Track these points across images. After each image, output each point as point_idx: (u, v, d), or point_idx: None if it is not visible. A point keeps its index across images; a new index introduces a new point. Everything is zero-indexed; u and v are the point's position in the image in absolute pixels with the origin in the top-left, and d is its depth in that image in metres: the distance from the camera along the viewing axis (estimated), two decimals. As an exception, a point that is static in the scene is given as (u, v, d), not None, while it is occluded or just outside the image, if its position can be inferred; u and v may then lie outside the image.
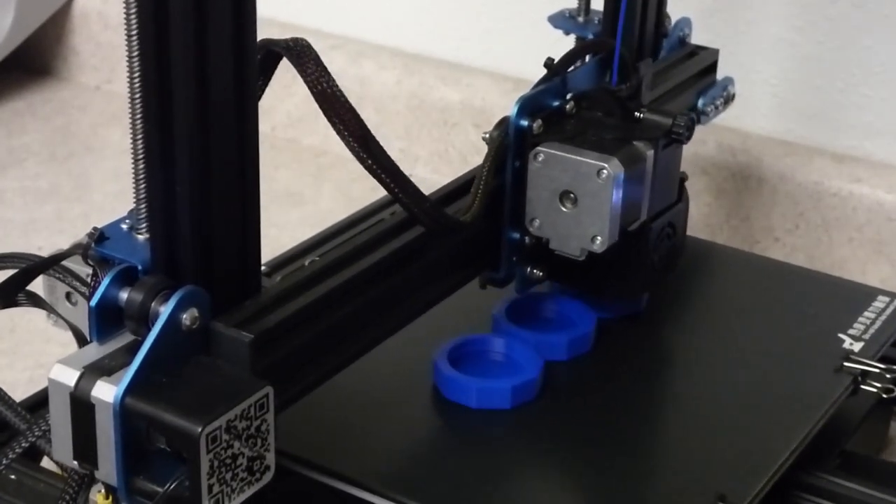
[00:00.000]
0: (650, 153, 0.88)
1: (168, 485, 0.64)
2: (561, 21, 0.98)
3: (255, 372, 0.67)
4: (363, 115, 1.53)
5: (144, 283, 0.66)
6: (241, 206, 0.68)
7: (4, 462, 0.73)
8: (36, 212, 1.35)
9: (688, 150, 1.26)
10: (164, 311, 0.65)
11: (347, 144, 0.72)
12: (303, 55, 0.70)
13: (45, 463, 0.86)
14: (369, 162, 0.72)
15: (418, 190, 0.76)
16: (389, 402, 0.84)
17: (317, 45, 0.72)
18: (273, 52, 0.71)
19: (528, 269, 0.90)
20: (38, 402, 0.86)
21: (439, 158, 1.41)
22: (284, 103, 1.48)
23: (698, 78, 1.02)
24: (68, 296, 0.75)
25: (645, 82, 0.93)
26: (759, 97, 1.27)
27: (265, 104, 0.71)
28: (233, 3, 0.64)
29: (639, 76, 0.93)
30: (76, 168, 1.44)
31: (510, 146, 0.86)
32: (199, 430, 0.62)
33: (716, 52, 1.03)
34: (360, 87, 1.43)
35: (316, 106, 1.52)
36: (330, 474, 0.78)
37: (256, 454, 0.66)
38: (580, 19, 0.97)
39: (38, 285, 0.73)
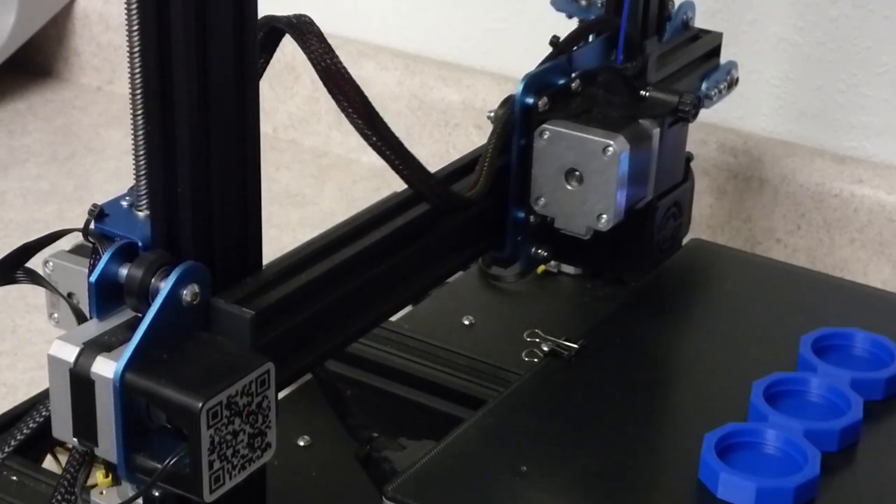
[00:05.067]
0: (656, 131, 0.88)
1: (168, 460, 0.64)
2: (563, 4, 0.97)
3: (255, 348, 0.67)
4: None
5: (144, 258, 0.66)
6: (242, 181, 0.68)
7: (7, 450, 0.73)
8: (37, 212, 1.35)
9: (689, 150, 1.27)
10: (165, 286, 0.64)
11: (352, 121, 0.72)
12: (305, 31, 0.70)
13: (47, 464, 0.86)
14: (374, 139, 0.72)
15: (423, 167, 0.76)
16: (653, 501, 0.76)
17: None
18: (275, 29, 0.71)
19: (534, 249, 0.90)
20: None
21: (440, 159, 1.41)
22: (286, 104, 1.48)
23: (702, 61, 1.02)
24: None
25: (651, 60, 0.93)
26: (761, 98, 1.27)
27: (266, 106, 0.71)
28: (233, 2, 0.64)
29: (645, 54, 0.93)
30: (77, 168, 1.44)
31: (515, 124, 0.86)
32: (200, 405, 0.62)
33: (719, 35, 1.03)
34: (361, 87, 1.43)
35: (317, 107, 1.53)
36: None
37: (257, 431, 0.65)
38: (583, 2, 0.96)
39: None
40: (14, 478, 0.81)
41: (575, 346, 0.84)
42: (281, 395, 0.73)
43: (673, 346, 0.88)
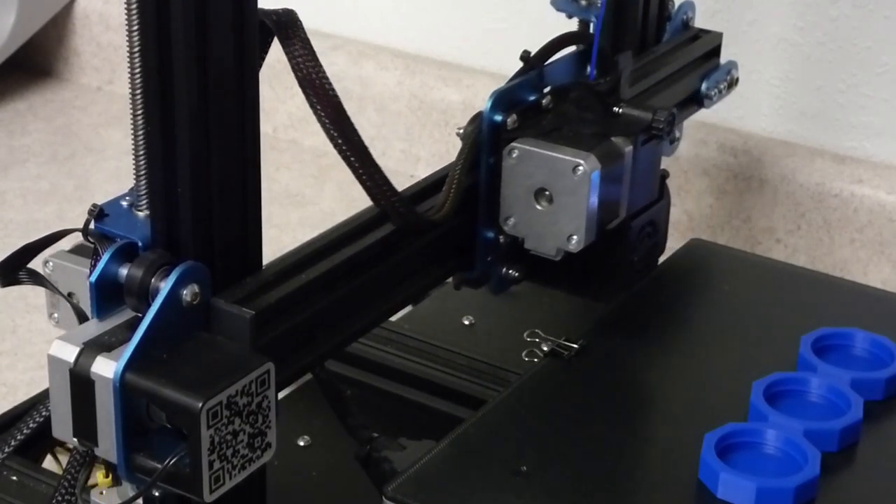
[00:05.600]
0: (629, 149, 0.86)
1: (168, 460, 0.64)
2: (563, 4, 0.95)
3: (255, 348, 0.67)
4: (364, 116, 1.54)
5: (144, 258, 0.66)
6: (242, 181, 0.68)
7: (6, 450, 0.73)
8: (37, 212, 1.35)
9: (689, 151, 1.27)
10: (165, 286, 0.64)
11: (329, 135, 0.71)
12: (290, 34, 0.69)
13: (47, 464, 0.86)
14: (348, 153, 0.72)
15: (392, 187, 0.74)
16: (653, 501, 0.75)
17: (318, 46, 0.71)
18: (263, 24, 0.70)
19: (504, 270, 0.88)
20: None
21: (440, 159, 1.41)
22: (286, 104, 1.48)
23: (702, 61, 1.01)
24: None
25: (624, 76, 0.90)
26: (761, 98, 1.27)
27: (266, 106, 0.71)
28: (233, 2, 0.65)
29: (618, 70, 0.90)
30: (77, 169, 1.44)
31: (484, 142, 0.83)
32: (200, 405, 0.62)
33: (719, 35, 1.02)
34: (361, 87, 1.43)
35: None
36: None
37: (257, 431, 0.65)
38: (583, 2, 0.94)
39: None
40: (14, 478, 0.81)
41: (575, 346, 0.84)
42: (281, 395, 0.73)
43: (673, 346, 0.88)
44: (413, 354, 0.99)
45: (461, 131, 0.84)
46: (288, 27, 0.70)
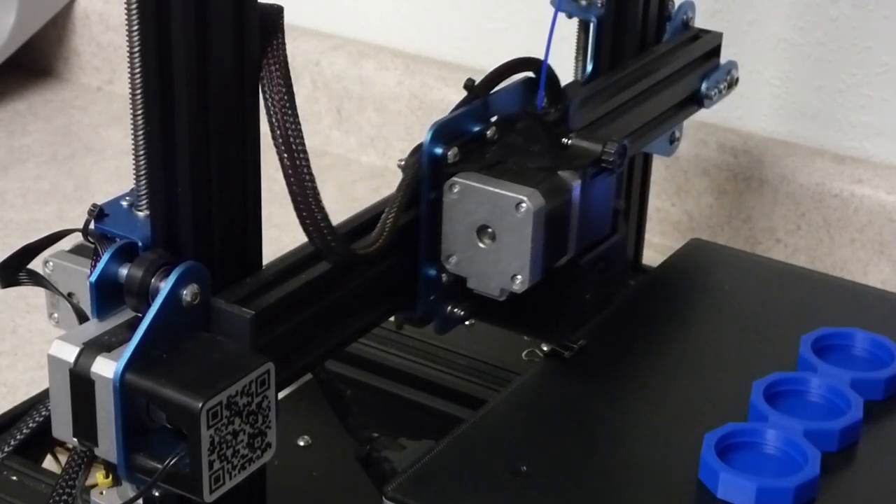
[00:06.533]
0: (576, 184, 0.81)
1: (168, 461, 0.64)
2: (563, 4, 0.93)
3: (255, 348, 0.67)
4: (364, 116, 1.53)
5: (144, 258, 0.66)
6: (242, 181, 0.68)
7: (6, 450, 0.73)
8: (37, 212, 1.35)
9: (689, 151, 1.27)
10: (165, 286, 0.64)
11: (280, 157, 0.71)
12: (268, 49, 0.67)
13: (47, 464, 0.86)
14: (290, 174, 0.71)
15: (329, 221, 0.72)
16: (653, 501, 0.75)
17: (318, 46, 0.71)
18: None
19: (449, 308, 0.83)
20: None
21: (440, 159, 1.41)
22: (285, 104, 1.48)
23: (702, 62, 1.02)
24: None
25: (573, 105, 0.86)
26: (761, 98, 1.27)
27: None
28: (233, 2, 0.65)
29: (566, 99, 0.85)
30: (77, 168, 1.44)
31: (424, 176, 0.79)
32: (200, 405, 0.62)
33: (719, 35, 1.03)
34: (361, 87, 1.43)
35: (316, 107, 1.52)
36: None
37: (257, 431, 0.65)
38: (583, 2, 0.94)
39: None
40: (14, 478, 0.81)
41: (575, 346, 0.84)
42: (281, 395, 0.73)
43: (673, 346, 0.88)
44: (413, 354, 0.99)
45: (402, 163, 0.79)
46: (270, 35, 0.68)
